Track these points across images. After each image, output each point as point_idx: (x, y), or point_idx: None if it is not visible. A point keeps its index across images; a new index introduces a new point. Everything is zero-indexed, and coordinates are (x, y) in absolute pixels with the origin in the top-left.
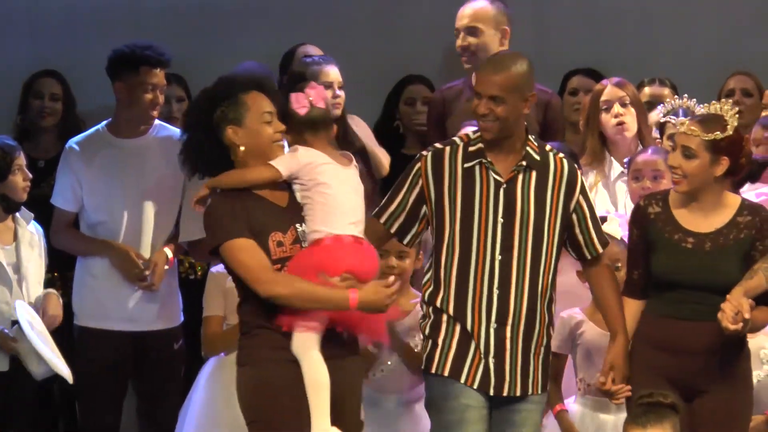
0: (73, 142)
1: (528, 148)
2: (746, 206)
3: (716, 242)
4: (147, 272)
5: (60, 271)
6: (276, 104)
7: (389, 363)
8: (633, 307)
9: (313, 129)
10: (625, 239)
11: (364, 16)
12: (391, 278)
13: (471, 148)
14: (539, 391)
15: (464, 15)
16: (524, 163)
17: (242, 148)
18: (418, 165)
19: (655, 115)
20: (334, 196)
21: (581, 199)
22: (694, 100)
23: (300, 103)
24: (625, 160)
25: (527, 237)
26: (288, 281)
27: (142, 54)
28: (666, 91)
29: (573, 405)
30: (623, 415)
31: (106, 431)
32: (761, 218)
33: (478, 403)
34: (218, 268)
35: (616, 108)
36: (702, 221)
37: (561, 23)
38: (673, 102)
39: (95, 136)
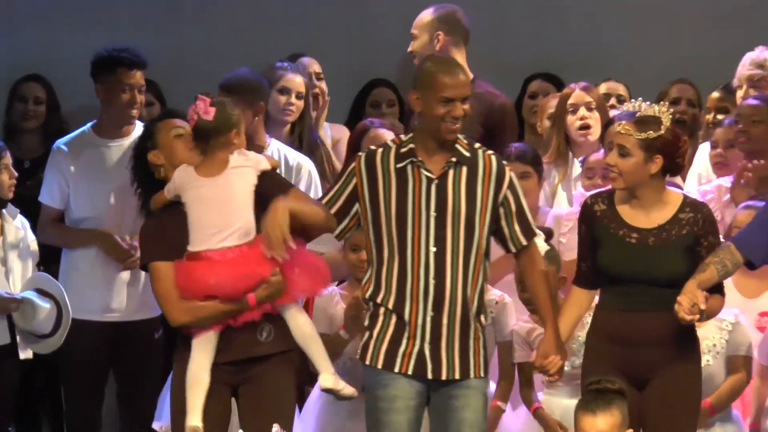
0: (60, 143)
1: (457, 146)
2: (688, 203)
3: (659, 237)
4: (133, 252)
5: (45, 265)
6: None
7: (357, 355)
8: (581, 296)
9: (202, 139)
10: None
11: (333, 27)
12: (276, 269)
13: (402, 150)
14: (481, 374)
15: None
16: (454, 159)
17: (162, 170)
18: (353, 165)
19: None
20: (194, 214)
21: (508, 193)
22: (648, 102)
23: (190, 114)
24: (580, 159)
25: (459, 229)
26: (190, 309)
27: (118, 56)
28: (621, 87)
29: (540, 395)
30: None
31: (88, 417)
32: (703, 215)
33: (407, 393)
34: None
35: (582, 111)
36: (644, 217)
37: (519, 29)
38: (628, 104)
39: (81, 137)
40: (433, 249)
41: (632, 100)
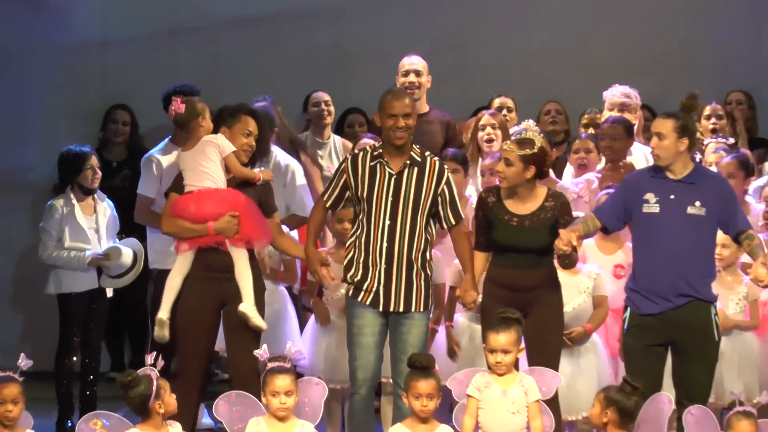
0: (153, 153)
1: (412, 153)
2: (551, 195)
3: (532, 220)
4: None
5: (125, 233)
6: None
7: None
8: (481, 256)
9: (181, 126)
10: None
11: (320, 70)
12: (235, 213)
13: (375, 153)
14: (421, 309)
15: None
16: (408, 162)
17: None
18: (344, 164)
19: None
20: (184, 171)
21: (445, 188)
22: (534, 122)
23: (170, 111)
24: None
25: (408, 210)
26: (172, 223)
27: (181, 90)
28: (509, 100)
29: (458, 318)
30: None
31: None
32: (560, 203)
33: (371, 321)
34: None
35: (488, 129)
36: (522, 207)
37: (479, 71)
38: (525, 122)
39: (165, 149)
40: (387, 222)
41: (527, 120)
